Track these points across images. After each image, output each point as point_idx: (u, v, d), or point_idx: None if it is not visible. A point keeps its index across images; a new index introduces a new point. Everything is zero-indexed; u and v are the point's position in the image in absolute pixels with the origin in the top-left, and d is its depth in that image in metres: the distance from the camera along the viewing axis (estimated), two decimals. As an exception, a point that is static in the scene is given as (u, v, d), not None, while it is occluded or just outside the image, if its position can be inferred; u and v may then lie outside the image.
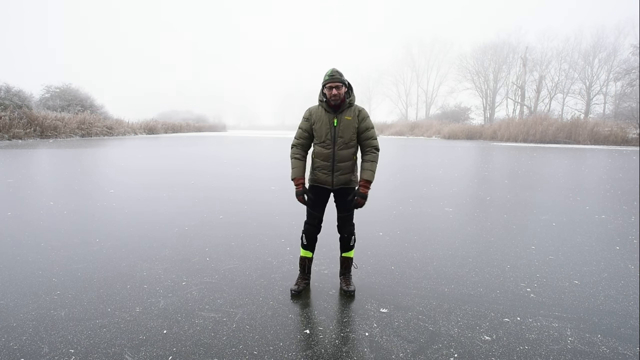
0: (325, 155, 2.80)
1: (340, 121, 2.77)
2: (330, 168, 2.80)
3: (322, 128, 2.79)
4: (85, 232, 4.50)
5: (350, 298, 2.88)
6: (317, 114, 2.82)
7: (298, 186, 2.86)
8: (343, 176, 2.82)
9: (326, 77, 2.73)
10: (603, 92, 42.38)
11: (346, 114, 2.78)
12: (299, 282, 2.99)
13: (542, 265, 3.57)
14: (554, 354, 2.19)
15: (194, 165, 11.91)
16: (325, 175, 2.83)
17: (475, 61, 49.49)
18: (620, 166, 12.43)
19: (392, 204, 6.29)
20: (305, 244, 2.98)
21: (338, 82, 2.70)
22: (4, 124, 22.16)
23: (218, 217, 5.26)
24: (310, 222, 2.95)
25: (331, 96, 2.71)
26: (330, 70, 2.74)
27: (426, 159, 15.12)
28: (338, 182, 2.82)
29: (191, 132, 50.46)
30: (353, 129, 2.79)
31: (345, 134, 2.77)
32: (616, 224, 5.10)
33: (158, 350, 2.19)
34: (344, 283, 2.99)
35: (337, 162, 2.79)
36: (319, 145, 2.83)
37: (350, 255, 3.03)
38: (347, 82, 2.79)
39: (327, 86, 2.72)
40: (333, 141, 2.78)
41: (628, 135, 25.74)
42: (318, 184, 2.87)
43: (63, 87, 34.20)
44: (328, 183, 2.84)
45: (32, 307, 2.68)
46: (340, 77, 2.72)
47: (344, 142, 2.78)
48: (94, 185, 8.01)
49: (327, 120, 2.78)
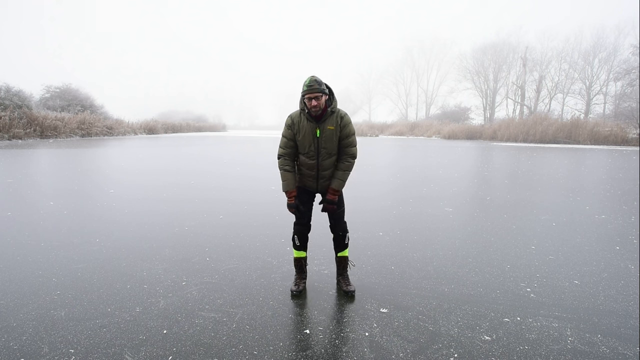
0: (309, 165, 2.80)
1: (323, 132, 2.72)
2: (314, 176, 2.83)
3: (305, 139, 2.74)
4: (85, 232, 4.50)
5: (351, 298, 2.88)
6: (299, 123, 2.75)
7: (290, 199, 2.84)
8: (327, 182, 2.85)
9: (304, 87, 2.64)
10: (603, 92, 42.37)
11: (329, 124, 2.73)
12: (298, 282, 2.98)
13: (542, 265, 3.57)
14: (554, 354, 2.19)
15: (194, 165, 11.92)
16: (310, 181, 2.86)
17: (475, 61, 49.50)
18: (620, 166, 12.43)
19: (392, 204, 6.29)
20: (299, 245, 2.97)
21: (317, 93, 2.61)
22: (4, 124, 22.16)
23: (218, 217, 5.26)
24: (299, 222, 2.93)
25: (311, 107, 2.65)
26: (308, 80, 2.63)
27: (426, 159, 15.11)
28: (323, 187, 2.86)
29: (191, 132, 50.46)
30: (336, 138, 2.76)
31: (329, 144, 2.75)
32: (616, 224, 5.10)
33: (158, 350, 2.19)
34: (344, 283, 2.99)
35: (321, 170, 2.81)
36: (303, 156, 2.81)
37: (346, 255, 3.04)
38: (327, 89, 2.71)
39: (306, 97, 2.64)
40: (317, 152, 2.76)
41: (628, 135, 25.73)
42: (303, 186, 2.90)
43: (63, 87, 34.20)
44: (313, 188, 2.88)
45: (32, 307, 2.68)
46: (319, 87, 2.62)
47: (327, 152, 2.77)
48: (94, 185, 8.02)
49: (310, 131, 2.72)
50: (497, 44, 47.87)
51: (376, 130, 47.22)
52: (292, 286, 2.97)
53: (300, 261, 3.02)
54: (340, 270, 3.05)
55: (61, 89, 34.00)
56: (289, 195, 2.83)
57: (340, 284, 3.01)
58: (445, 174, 10.25)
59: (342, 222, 2.95)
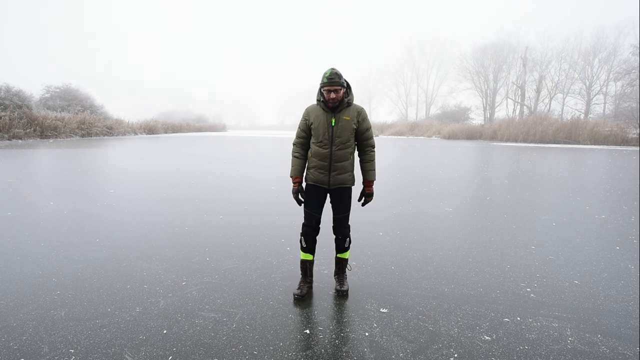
0: (322, 155, 2.77)
1: (338, 121, 2.73)
2: (327, 168, 2.78)
3: (319, 127, 2.75)
4: (85, 232, 4.50)
5: (346, 297, 2.88)
6: (314, 114, 2.79)
7: (295, 184, 2.87)
8: (340, 176, 2.80)
9: (324, 79, 2.66)
10: (603, 92, 42.35)
11: (344, 114, 2.75)
12: (302, 285, 2.93)
13: (542, 265, 3.57)
14: (554, 354, 2.19)
15: (194, 165, 11.91)
16: (322, 175, 2.80)
17: (475, 61, 49.49)
18: (620, 166, 12.43)
19: (392, 204, 6.29)
20: (305, 247, 2.92)
21: (337, 86, 2.65)
22: (4, 124, 22.15)
23: (218, 217, 5.26)
24: (308, 223, 2.88)
25: (329, 99, 2.68)
26: (329, 72, 2.66)
27: (426, 159, 15.11)
28: (335, 182, 2.80)
29: (191, 132, 50.44)
30: (351, 130, 2.76)
31: (343, 134, 2.74)
32: (616, 224, 5.10)
33: (158, 350, 2.19)
34: (338, 283, 2.99)
35: (334, 162, 2.77)
36: (317, 145, 2.79)
37: (346, 257, 3.02)
38: (346, 83, 2.74)
39: (325, 89, 2.68)
40: (330, 141, 2.75)
41: (628, 135, 25.74)
42: (315, 183, 2.84)
43: (63, 87, 34.18)
44: (325, 183, 2.81)
45: (32, 307, 2.68)
46: (339, 80, 2.65)
47: (341, 142, 2.75)
48: (94, 185, 8.01)
49: (325, 120, 2.74)
50: (497, 44, 47.85)
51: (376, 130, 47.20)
52: (295, 289, 2.93)
53: (305, 264, 2.96)
54: (337, 270, 3.05)
55: (61, 89, 33.98)
56: (294, 181, 2.87)
57: (335, 283, 3.03)
58: (445, 174, 10.25)
59: (345, 226, 2.92)
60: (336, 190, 2.84)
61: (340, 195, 2.85)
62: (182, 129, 48.40)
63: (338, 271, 3.04)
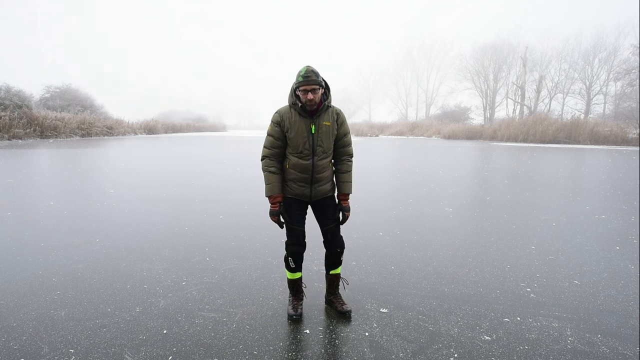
0: (302, 167, 2.44)
1: (318, 127, 2.41)
2: (308, 180, 2.47)
3: (298, 137, 2.40)
4: (85, 232, 4.50)
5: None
6: (289, 119, 2.41)
7: (274, 205, 2.48)
8: (322, 187, 2.51)
9: (299, 77, 2.31)
10: (603, 92, 42.33)
11: (324, 119, 2.43)
12: (296, 304, 2.63)
13: (542, 265, 3.57)
14: (554, 354, 2.19)
15: (194, 165, 11.91)
16: (303, 188, 2.48)
17: (475, 61, 49.46)
18: (620, 166, 12.42)
19: (392, 204, 6.29)
20: (294, 267, 2.58)
21: (314, 85, 2.30)
22: (4, 124, 22.16)
23: (218, 217, 5.26)
24: (295, 241, 2.54)
25: (306, 101, 2.32)
26: (304, 70, 2.31)
27: (426, 159, 15.11)
28: (317, 194, 2.52)
29: (191, 132, 50.46)
30: (332, 136, 2.47)
31: (325, 142, 2.44)
32: (616, 224, 5.10)
33: (158, 350, 2.19)
34: (338, 303, 2.66)
35: (316, 173, 2.46)
36: (295, 156, 2.45)
37: (339, 272, 2.70)
38: (324, 82, 2.41)
39: (301, 89, 2.32)
40: (312, 151, 2.42)
41: (628, 135, 25.73)
42: (294, 197, 2.52)
43: (63, 87, 34.23)
44: (306, 196, 2.50)
45: (32, 307, 2.68)
46: (316, 78, 2.30)
47: (323, 151, 2.45)
48: (94, 185, 8.02)
49: (304, 127, 2.40)
50: (497, 44, 47.82)
51: (376, 130, 47.17)
52: (289, 309, 2.60)
53: (296, 282, 2.65)
54: (333, 290, 2.71)
55: (61, 89, 34.02)
56: (273, 201, 2.46)
57: (334, 304, 2.67)
58: (445, 174, 10.25)
59: (339, 237, 2.62)
60: (318, 202, 2.57)
61: (324, 205, 2.57)
62: (182, 129, 48.42)
63: (334, 290, 2.71)
